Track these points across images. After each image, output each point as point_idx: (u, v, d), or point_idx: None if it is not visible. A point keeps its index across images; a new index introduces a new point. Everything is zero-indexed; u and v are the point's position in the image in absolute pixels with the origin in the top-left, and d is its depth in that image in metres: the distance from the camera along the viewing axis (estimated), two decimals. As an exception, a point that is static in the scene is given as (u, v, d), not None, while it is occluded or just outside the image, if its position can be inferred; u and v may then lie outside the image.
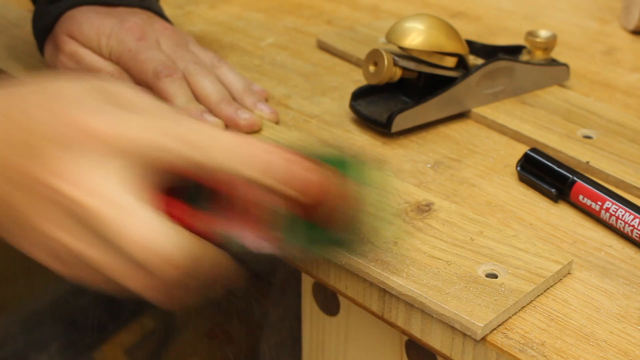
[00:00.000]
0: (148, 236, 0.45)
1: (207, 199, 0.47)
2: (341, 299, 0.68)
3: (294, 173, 0.46)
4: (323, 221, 0.48)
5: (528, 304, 0.55)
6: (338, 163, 0.49)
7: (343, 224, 0.48)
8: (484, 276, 0.56)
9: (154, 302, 0.48)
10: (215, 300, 0.49)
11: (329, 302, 0.69)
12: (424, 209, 0.62)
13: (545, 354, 0.51)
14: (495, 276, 0.56)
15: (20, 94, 0.49)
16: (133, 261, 0.45)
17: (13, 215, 0.47)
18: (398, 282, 0.55)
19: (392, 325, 0.58)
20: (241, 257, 0.47)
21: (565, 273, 0.58)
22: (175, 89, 0.71)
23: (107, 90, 0.49)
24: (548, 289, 0.57)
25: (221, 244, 0.47)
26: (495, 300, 0.54)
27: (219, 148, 0.46)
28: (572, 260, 0.58)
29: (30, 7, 0.84)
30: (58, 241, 0.47)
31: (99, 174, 0.45)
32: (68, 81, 0.49)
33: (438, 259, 0.57)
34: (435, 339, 0.55)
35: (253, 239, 0.47)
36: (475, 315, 0.52)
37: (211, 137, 0.46)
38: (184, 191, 0.48)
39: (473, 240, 0.59)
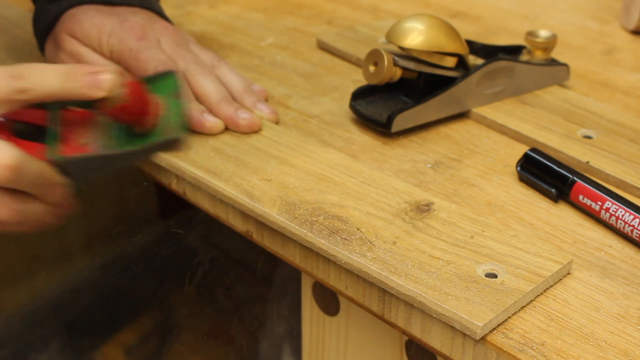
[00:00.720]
0: None
1: (41, 134, 0.59)
2: (341, 299, 0.68)
3: (112, 83, 0.57)
4: (139, 125, 0.60)
5: (528, 303, 0.55)
6: (151, 79, 0.64)
7: (154, 125, 0.61)
8: (483, 276, 0.56)
9: (9, 226, 0.58)
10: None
11: (329, 302, 0.69)
12: (424, 209, 0.62)
13: (545, 354, 0.51)
14: (494, 276, 0.56)
15: None
16: None
17: None
18: (398, 282, 0.55)
19: (392, 325, 0.58)
20: (68, 169, 0.59)
21: (564, 273, 0.58)
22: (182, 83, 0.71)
23: None
24: (548, 288, 0.57)
25: (53, 165, 0.58)
26: (495, 300, 0.54)
27: (43, 75, 0.56)
28: (572, 260, 0.58)
29: (30, 6, 0.84)
30: None
31: None
32: None
33: (438, 258, 0.57)
34: (435, 339, 0.55)
35: (74, 151, 0.59)
36: (475, 314, 0.52)
37: (38, 69, 0.57)
38: (21, 130, 0.59)
39: (473, 240, 0.59)
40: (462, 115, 0.78)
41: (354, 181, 0.65)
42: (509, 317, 0.54)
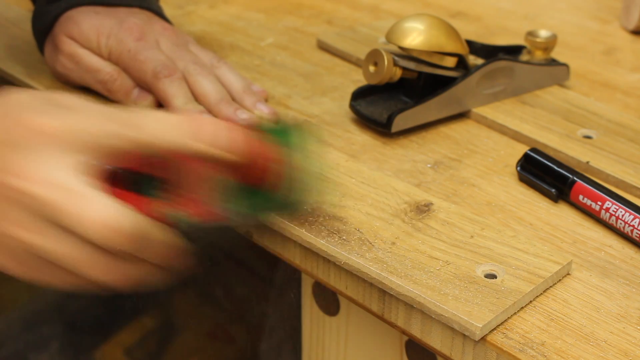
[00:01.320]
0: (103, 214, 0.47)
1: (151, 186, 0.51)
2: (341, 299, 0.68)
3: (237, 142, 0.51)
4: (264, 187, 0.52)
5: (528, 304, 0.55)
6: (278, 132, 0.55)
7: (282, 188, 0.53)
8: (483, 276, 0.56)
9: (112, 287, 0.51)
10: (175, 284, 0.52)
11: (329, 302, 0.69)
12: (424, 209, 0.62)
13: (545, 354, 0.51)
14: (494, 276, 0.56)
15: None
16: (90, 244, 0.48)
17: None
18: (397, 282, 0.55)
19: (392, 325, 0.58)
20: (191, 234, 0.51)
21: (564, 273, 0.58)
22: (174, 89, 0.71)
23: (52, 97, 0.51)
24: (547, 289, 0.57)
25: (169, 225, 0.50)
26: (494, 300, 0.54)
27: (164, 127, 0.49)
28: (572, 260, 0.58)
29: (30, 7, 0.84)
30: (14, 237, 0.48)
31: (50, 165, 0.47)
32: (17, 93, 0.51)
33: (437, 259, 0.57)
34: (435, 339, 0.55)
35: (200, 215, 0.50)
36: (474, 315, 0.52)
37: (155, 119, 0.50)
38: (129, 179, 0.51)
39: (472, 240, 0.59)
40: (462, 115, 0.78)
41: (354, 181, 0.65)
42: (508, 317, 0.54)
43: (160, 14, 0.80)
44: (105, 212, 0.47)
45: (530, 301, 0.55)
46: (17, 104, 0.50)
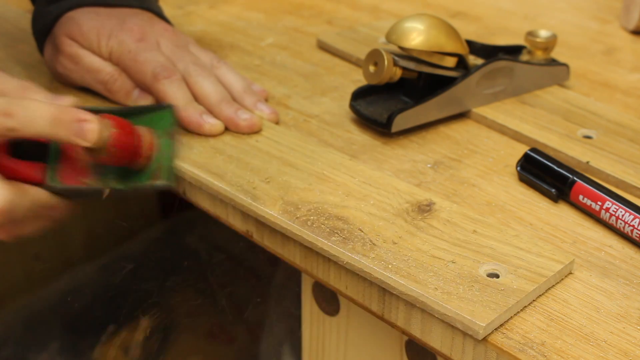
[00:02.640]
0: None
1: (32, 151, 0.61)
2: (341, 299, 0.68)
3: (95, 131, 0.58)
4: (129, 164, 0.62)
5: (528, 304, 0.55)
6: (146, 110, 0.67)
7: (145, 165, 0.63)
8: (485, 276, 0.56)
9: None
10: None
11: (329, 302, 0.69)
12: (425, 209, 0.62)
13: (545, 354, 0.51)
14: (496, 276, 0.56)
15: None
16: None
17: None
18: (400, 282, 0.55)
19: (392, 325, 0.58)
20: (61, 193, 0.62)
21: (566, 273, 0.58)
22: (174, 90, 0.71)
23: None
24: (549, 289, 0.57)
25: (43, 185, 0.61)
26: (497, 299, 0.54)
27: (32, 115, 0.57)
28: (574, 260, 0.58)
29: (30, 7, 0.84)
30: None
31: None
32: None
33: (439, 258, 0.57)
34: (435, 339, 0.55)
35: (69, 179, 0.61)
36: (477, 315, 0.52)
37: (24, 107, 0.57)
38: (12, 147, 0.60)
39: (474, 239, 0.59)
40: (462, 115, 0.78)
41: (355, 181, 0.65)
42: (511, 317, 0.54)
43: (160, 14, 0.80)
44: None
45: (531, 301, 0.55)
46: None
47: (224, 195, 0.64)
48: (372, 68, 0.73)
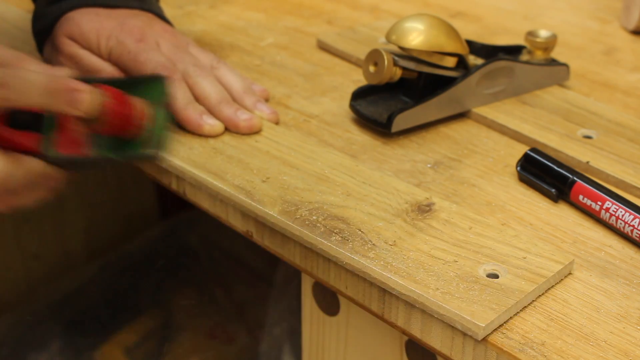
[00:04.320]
0: None
1: (27, 122, 0.60)
2: (341, 299, 0.68)
3: (92, 102, 0.58)
4: (124, 134, 0.61)
5: (528, 304, 0.55)
6: (141, 81, 0.65)
7: (139, 136, 0.62)
8: (485, 276, 0.56)
9: None
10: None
11: (329, 302, 0.69)
12: (425, 209, 0.62)
13: (545, 354, 0.51)
14: (496, 276, 0.56)
15: None
16: None
17: None
18: (400, 282, 0.55)
19: (392, 325, 0.58)
20: (57, 162, 0.61)
21: (566, 273, 0.58)
22: (173, 90, 0.71)
23: None
24: (549, 289, 0.57)
25: (39, 154, 0.60)
26: (497, 300, 0.54)
27: (29, 87, 0.57)
28: (574, 260, 0.58)
29: (30, 7, 0.84)
30: None
31: None
32: None
33: (439, 258, 0.57)
34: (435, 339, 0.55)
35: (67, 150, 0.61)
36: (477, 315, 0.52)
37: (21, 79, 0.57)
38: (7, 117, 0.59)
39: (474, 240, 0.59)
40: (462, 115, 0.78)
41: (355, 181, 0.65)
42: (510, 317, 0.54)
43: (160, 15, 0.80)
44: None
45: (531, 301, 0.55)
46: None
47: (224, 195, 0.64)
48: (372, 68, 0.73)
